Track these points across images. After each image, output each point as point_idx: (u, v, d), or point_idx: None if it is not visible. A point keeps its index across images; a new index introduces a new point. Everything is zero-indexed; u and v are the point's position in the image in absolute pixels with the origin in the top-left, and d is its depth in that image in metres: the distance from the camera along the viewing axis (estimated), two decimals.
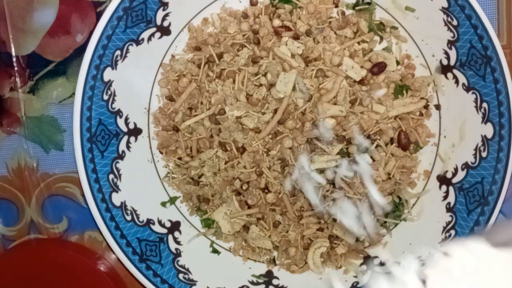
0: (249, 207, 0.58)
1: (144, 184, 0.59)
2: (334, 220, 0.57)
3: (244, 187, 0.57)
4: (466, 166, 0.56)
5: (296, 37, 0.56)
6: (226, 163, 0.57)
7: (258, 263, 0.60)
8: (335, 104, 0.55)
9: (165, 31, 0.57)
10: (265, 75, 0.55)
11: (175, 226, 0.59)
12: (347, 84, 0.55)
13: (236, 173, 0.57)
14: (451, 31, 0.54)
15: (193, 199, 0.59)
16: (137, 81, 0.57)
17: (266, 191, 0.58)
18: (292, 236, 0.58)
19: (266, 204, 0.58)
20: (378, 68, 0.56)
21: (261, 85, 0.55)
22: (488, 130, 0.54)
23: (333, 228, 0.58)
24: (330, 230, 0.58)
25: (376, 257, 0.59)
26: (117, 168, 0.57)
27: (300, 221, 0.58)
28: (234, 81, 0.56)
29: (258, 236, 0.59)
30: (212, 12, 0.58)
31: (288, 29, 0.55)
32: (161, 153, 0.59)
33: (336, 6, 0.57)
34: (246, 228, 0.59)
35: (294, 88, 0.55)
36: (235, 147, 0.56)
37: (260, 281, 0.59)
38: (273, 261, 0.60)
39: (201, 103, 0.57)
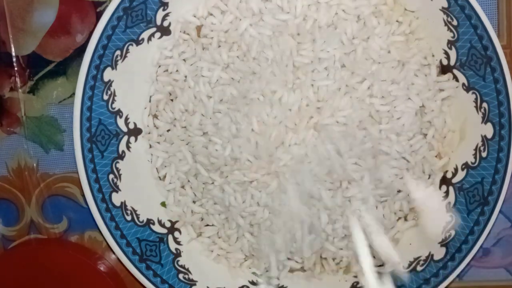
0: None
1: (144, 184, 0.59)
2: None
3: None
4: (466, 166, 0.56)
5: None
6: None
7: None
8: None
9: (165, 31, 0.57)
10: None
11: (175, 226, 0.59)
12: None
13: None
14: (451, 31, 0.54)
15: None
16: (137, 81, 0.57)
17: None
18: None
19: None
20: None
21: None
22: (488, 130, 0.54)
23: None
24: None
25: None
26: (117, 168, 0.57)
27: None
28: None
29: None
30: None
31: None
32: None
33: None
34: None
35: None
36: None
37: (260, 281, 0.59)
38: None
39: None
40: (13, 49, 0.61)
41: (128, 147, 0.58)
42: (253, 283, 0.59)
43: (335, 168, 0.54)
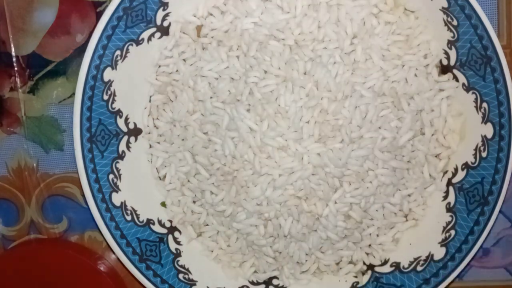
0: None
1: (144, 184, 0.59)
2: None
3: None
4: (466, 166, 0.56)
5: None
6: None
7: None
8: None
9: (165, 31, 0.57)
10: None
11: (175, 226, 0.59)
12: None
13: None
14: (451, 31, 0.54)
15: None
16: (137, 81, 0.57)
17: None
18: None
19: None
20: None
21: None
22: (488, 130, 0.54)
23: None
24: None
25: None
26: (117, 168, 0.57)
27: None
28: None
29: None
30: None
31: None
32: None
33: None
34: None
35: None
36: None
37: (260, 281, 0.59)
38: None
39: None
40: (13, 49, 0.61)
41: (128, 147, 0.58)
42: (253, 283, 0.59)
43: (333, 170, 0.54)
